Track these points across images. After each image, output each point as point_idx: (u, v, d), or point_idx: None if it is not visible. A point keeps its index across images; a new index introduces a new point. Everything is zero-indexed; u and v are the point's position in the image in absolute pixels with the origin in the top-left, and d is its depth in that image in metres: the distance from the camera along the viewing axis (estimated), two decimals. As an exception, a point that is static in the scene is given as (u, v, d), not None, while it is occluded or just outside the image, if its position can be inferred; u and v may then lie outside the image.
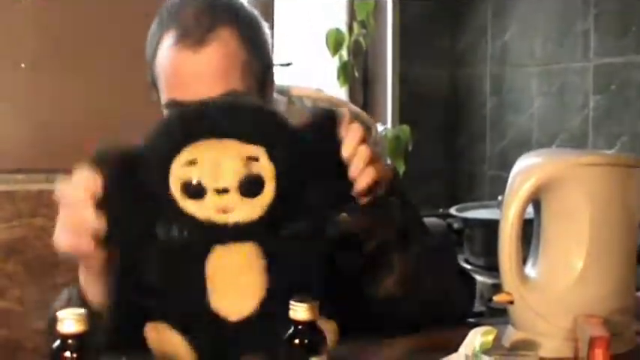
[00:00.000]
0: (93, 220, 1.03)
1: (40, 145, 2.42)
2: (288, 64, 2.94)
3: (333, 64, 2.95)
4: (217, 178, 1.01)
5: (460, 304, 1.29)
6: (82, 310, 0.88)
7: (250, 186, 1.02)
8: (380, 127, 2.83)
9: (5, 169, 2.38)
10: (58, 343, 0.88)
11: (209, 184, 1.01)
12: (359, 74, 3.06)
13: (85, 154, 1.09)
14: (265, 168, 1.03)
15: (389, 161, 2.79)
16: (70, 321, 0.87)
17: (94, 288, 1.13)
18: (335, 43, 2.84)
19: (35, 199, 2.25)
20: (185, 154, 1.02)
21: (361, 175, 1.06)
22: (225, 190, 1.01)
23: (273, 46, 1.33)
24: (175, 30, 1.22)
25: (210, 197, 1.01)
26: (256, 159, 1.02)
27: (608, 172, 1.17)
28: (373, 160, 1.07)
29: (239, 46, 1.23)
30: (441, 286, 1.27)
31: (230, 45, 1.22)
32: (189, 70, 1.21)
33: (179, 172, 1.02)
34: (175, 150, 1.03)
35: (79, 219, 1.04)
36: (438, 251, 1.33)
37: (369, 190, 1.07)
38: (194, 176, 1.02)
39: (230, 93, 1.21)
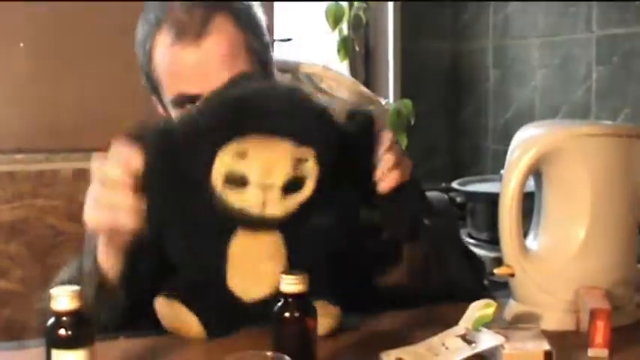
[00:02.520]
0: (133, 201, 1.02)
1: (40, 124, 2.41)
2: (288, 40, 2.92)
3: (333, 38, 2.93)
4: (266, 176, 1.01)
5: (469, 291, 1.28)
6: (76, 287, 0.88)
7: (294, 186, 1.02)
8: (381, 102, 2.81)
9: (5, 150, 2.37)
10: (52, 320, 0.87)
11: (256, 180, 1.01)
12: (360, 48, 3.04)
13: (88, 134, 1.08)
14: (312, 170, 1.03)
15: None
16: (64, 298, 0.86)
17: (113, 261, 1.12)
18: (334, 17, 2.82)
19: (36, 179, 2.24)
20: (235, 146, 1.01)
21: (384, 180, 1.09)
22: (270, 188, 1.01)
23: (272, 23, 1.31)
24: (169, 28, 1.20)
25: (253, 190, 1.01)
26: (305, 160, 1.02)
27: (609, 143, 1.15)
28: (398, 164, 1.10)
29: (238, 31, 1.21)
30: (448, 275, 1.27)
31: (229, 31, 1.20)
32: (194, 65, 1.19)
33: (227, 161, 1.01)
34: (226, 138, 1.01)
35: (118, 199, 1.03)
36: (445, 237, 1.31)
37: (391, 192, 1.10)
38: (242, 170, 1.01)
39: (241, 75, 1.18)
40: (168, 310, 1.05)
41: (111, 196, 1.03)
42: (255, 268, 1.04)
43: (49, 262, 2.17)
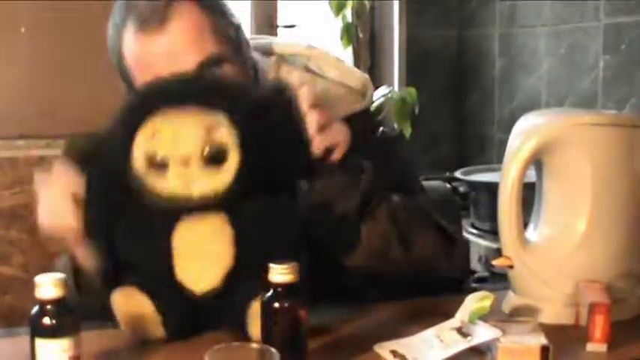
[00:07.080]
0: (72, 216, 1.06)
1: (41, 111, 2.40)
2: (292, 26, 2.90)
3: (337, 25, 2.91)
4: (178, 146, 0.98)
5: (446, 272, 1.24)
6: (60, 275, 0.86)
7: (213, 155, 0.99)
8: (386, 89, 2.79)
9: (7, 135, 2.36)
10: (36, 308, 0.86)
11: (171, 154, 0.99)
12: (364, 35, 3.01)
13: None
14: (227, 135, 0.99)
15: (395, 125, 2.75)
16: (48, 286, 0.85)
17: (82, 251, 1.12)
18: (338, 3, 2.79)
19: (37, 165, 2.23)
20: (146, 129, 1.00)
21: (314, 145, 1.08)
22: (187, 161, 0.98)
23: (276, 9, 1.29)
24: (133, 20, 1.21)
25: (173, 168, 0.99)
26: (218, 125, 0.99)
27: (611, 132, 1.13)
28: (323, 126, 1.08)
29: (201, 14, 1.22)
30: (415, 256, 1.21)
31: (191, 16, 1.21)
32: (159, 53, 1.20)
33: (141, 146, 1.00)
34: (136, 126, 1.01)
35: (60, 211, 1.07)
36: (415, 216, 1.25)
37: (322, 156, 1.09)
38: (156, 148, 0.99)
39: (209, 57, 1.20)
40: (124, 299, 1.02)
41: (54, 210, 1.08)
42: (200, 254, 1.01)
43: (51, 247, 2.16)
